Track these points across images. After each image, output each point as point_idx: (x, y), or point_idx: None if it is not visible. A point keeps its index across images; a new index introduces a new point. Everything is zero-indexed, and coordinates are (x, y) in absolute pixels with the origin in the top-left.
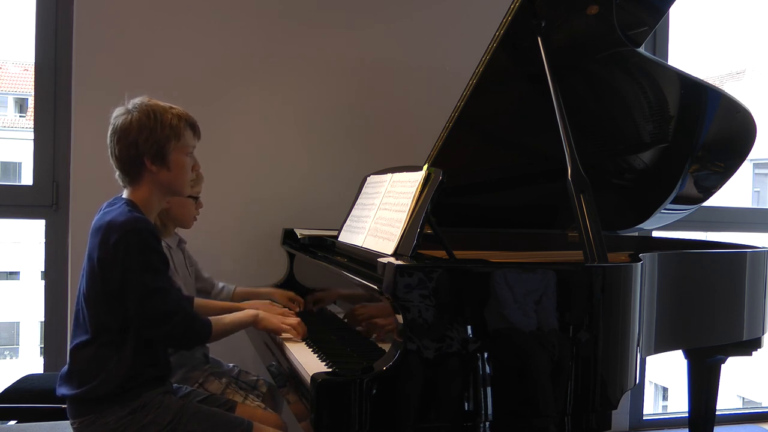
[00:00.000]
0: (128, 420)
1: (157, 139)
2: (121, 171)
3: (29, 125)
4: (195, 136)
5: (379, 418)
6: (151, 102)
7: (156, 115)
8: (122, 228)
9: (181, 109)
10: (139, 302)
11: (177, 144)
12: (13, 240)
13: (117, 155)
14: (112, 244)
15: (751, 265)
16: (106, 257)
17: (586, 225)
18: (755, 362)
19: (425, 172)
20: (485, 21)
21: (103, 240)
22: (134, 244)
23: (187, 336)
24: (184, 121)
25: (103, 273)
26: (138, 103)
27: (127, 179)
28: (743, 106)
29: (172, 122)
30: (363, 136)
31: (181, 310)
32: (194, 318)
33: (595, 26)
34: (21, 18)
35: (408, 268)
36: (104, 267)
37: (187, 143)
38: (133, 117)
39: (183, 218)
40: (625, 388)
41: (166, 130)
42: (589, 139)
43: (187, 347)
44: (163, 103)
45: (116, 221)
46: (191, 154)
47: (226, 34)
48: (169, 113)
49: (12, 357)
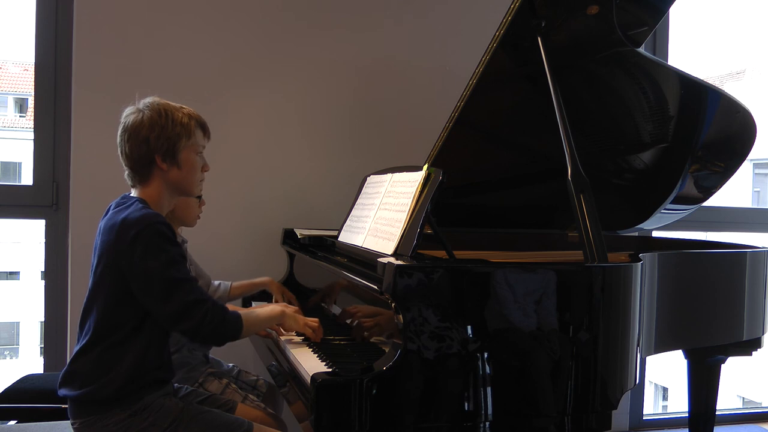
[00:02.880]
0: (129, 422)
1: (168, 136)
2: (131, 169)
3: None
4: (205, 137)
5: (379, 418)
6: (162, 101)
7: (167, 114)
8: (139, 223)
9: (191, 109)
10: (166, 296)
11: (188, 142)
12: (13, 240)
13: (128, 153)
14: (131, 239)
15: (751, 265)
16: (125, 255)
17: (586, 225)
18: (755, 362)
19: (425, 172)
20: (485, 21)
21: (118, 237)
22: (153, 239)
23: (219, 328)
24: (195, 120)
25: (121, 271)
26: (149, 103)
27: (137, 178)
28: (743, 106)
29: (183, 121)
30: (363, 136)
31: (209, 298)
32: (224, 309)
33: (595, 26)
34: (21, 18)
35: (408, 268)
36: (123, 265)
37: (198, 143)
38: (144, 115)
39: (187, 217)
40: (625, 388)
41: (178, 128)
42: (589, 139)
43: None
44: (174, 103)
45: (132, 217)
46: (201, 154)
47: (226, 34)
48: (180, 112)
49: (12, 357)
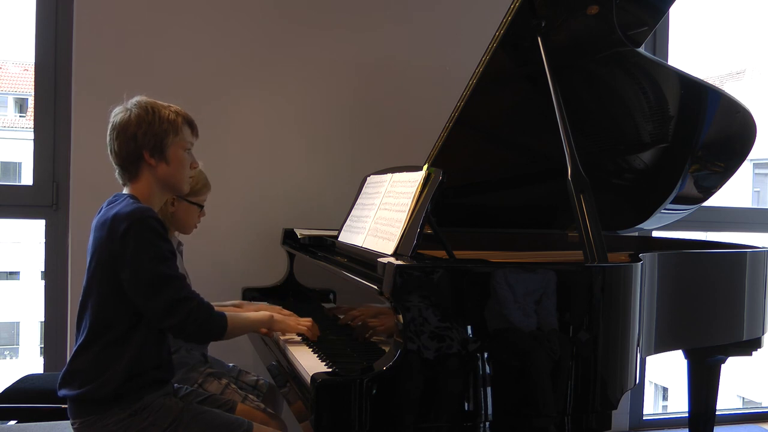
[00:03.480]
0: (129, 421)
1: (155, 132)
2: (120, 167)
3: (29, 125)
4: (193, 134)
5: (379, 418)
6: (149, 99)
7: (154, 111)
8: (130, 218)
9: (179, 107)
10: (153, 291)
11: (175, 138)
12: (13, 240)
13: (116, 151)
14: (121, 233)
15: (751, 265)
16: (116, 248)
17: (586, 225)
18: (755, 362)
19: (425, 172)
20: (485, 21)
21: (110, 232)
22: (143, 233)
23: (204, 326)
24: (182, 117)
25: (112, 265)
26: (136, 101)
27: (126, 175)
28: (743, 106)
29: (170, 117)
30: (363, 136)
31: (196, 297)
32: (210, 308)
33: (595, 26)
34: (21, 18)
35: (408, 268)
36: (114, 258)
37: (185, 139)
38: (132, 113)
39: (185, 224)
40: (625, 388)
41: (165, 125)
42: (589, 139)
43: (202, 339)
44: (161, 101)
45: (122, 212)
46: (189, 151)
47: (226, 33)
48: (167, 109)
49: (12, 357)
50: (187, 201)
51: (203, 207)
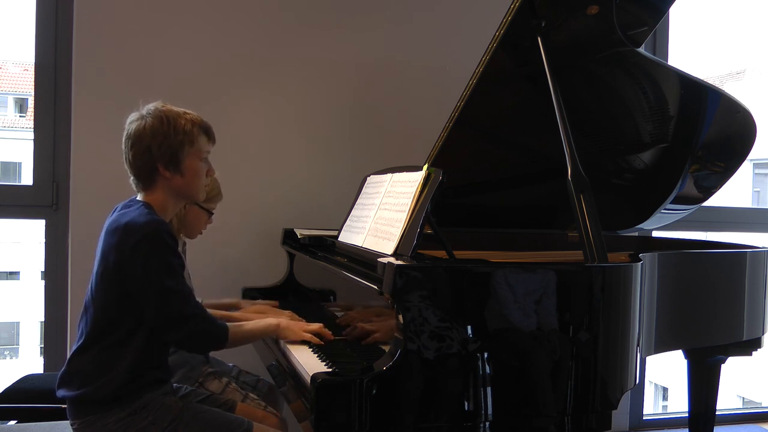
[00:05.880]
0: (128, 421)
1: (170, 144)
2: (136, 176)
3: (29, 125)
4: (209, 141)
5: (379, 418)
6: (165, 107)
7: (170, 121)
8: (143, 230)
9: (195, 114)
10: (160, 304)
11: (191, 149)
12: (13, 240)
13: (131, 161)
14: (132, 245)
15: (751, 265)
16: (126, 258)
17: (586, 225)
18: (755, 362)
19: (425, 172)
20: (485, 21)
21: (121, 240)
22: (155, 247)
23: (205, 339)
24: (198, 126)
25: (121, 273)
26: (152, 109)
27: (141, 185)
28: (743, 106)
29: (186, 128)
30: (363, 136)
31: (200, 312)
32: (213, 321)
33: (595, 26)
34: (21, 18)
35: (408, 268)
36: (123, 268)
37: (201, 148)
38: (147, 122)
39: (193, 228)
40: (625, 388)
41: (180, 136)
42: (589, 139)
43: (203, 350)
44: (177, 108)
45: (136, 222)
46: (205, 159)
47: (226, 34)
48: (183, 118)
49: (12, 357)
50: (198, 206)
51: (213, 214)
